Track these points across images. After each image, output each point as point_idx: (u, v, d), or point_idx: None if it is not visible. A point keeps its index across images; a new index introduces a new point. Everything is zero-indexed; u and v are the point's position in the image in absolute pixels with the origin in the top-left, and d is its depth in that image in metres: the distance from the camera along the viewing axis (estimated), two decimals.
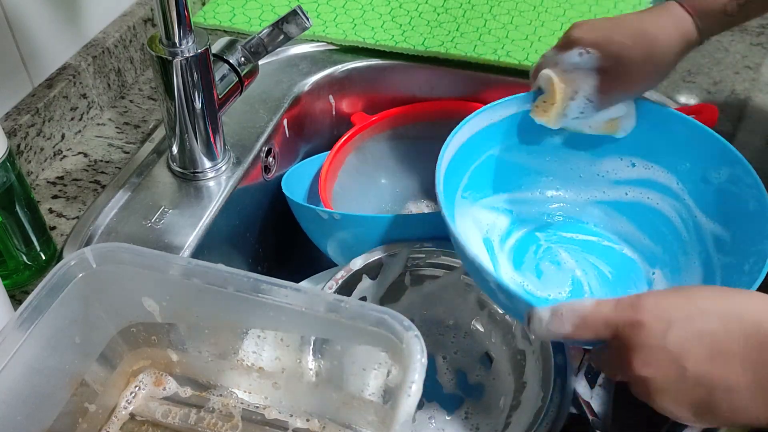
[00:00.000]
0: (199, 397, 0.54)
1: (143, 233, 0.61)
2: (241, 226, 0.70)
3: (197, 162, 0.65)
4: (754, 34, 0.87)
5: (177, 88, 0.59)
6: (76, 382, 0.49)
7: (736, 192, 0.56)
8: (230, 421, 0.53)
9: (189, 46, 0.58)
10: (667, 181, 0.62)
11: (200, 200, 0.64)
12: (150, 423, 0.53)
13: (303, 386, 0.51)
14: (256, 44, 0.64)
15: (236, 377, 0.53)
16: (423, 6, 0.88)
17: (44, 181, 0.67)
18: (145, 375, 0.55)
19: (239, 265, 0.70)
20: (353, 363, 0.57)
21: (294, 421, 0.53)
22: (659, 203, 0.63)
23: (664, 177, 0.62)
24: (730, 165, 0.57)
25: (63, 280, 0.46)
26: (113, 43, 0.74)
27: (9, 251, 0.56)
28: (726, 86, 0.79)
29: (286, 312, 0.46)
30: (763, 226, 0.53)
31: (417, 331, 0.42)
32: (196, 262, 0.47)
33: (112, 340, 0.52)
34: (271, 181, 0.75)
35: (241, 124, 0.73)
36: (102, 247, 0.47)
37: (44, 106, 0.66)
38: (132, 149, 0.70)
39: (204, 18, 0.86)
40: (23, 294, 0.57)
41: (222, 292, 0.46)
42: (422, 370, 0.40)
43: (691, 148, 0.60)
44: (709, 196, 0.59)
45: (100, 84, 0.73)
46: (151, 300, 0.49)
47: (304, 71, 0.80)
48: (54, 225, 0.63)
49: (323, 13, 0.87)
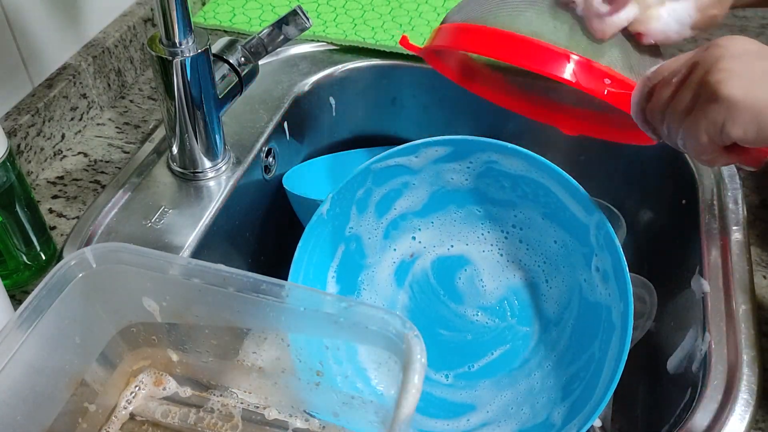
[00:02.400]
0: (199, 397, 0.54)
1: (143, 233, 0.61)
2: (241, 226, 0.70)
3: (197, 162, 0.65)
4: (754, 34, 0.87)
5: (177, 88, 0.59)
6: (76, 382, 0.49)
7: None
8: (230, 421, 0.53)
9: (189, 46, 0.58)
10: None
11: (200, 200, 0.64)
12: (150, 423, 0.53)
13: (303, 386, 0.51)
14: (256, 44, 0.64)
15: (236, 377, 0.53)
16: (423, 6, 0.88)
17: (44, 181, 0.67)
18: (145, 375, 0.55)
19: (239, 265, 0.70)
20: (353, 363, 0.57)
21: (294, 421, 0.53)
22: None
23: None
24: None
25: (63, 280, 0.46)
26: (113, 43, 0.74)
27: (9, 251, 0.56)
28: None
29: (286, 312, 0.46)
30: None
31: (417, 331, 0.42)
32: (196, 262, 0.47)
33: (112, 340, 0.52)
34: (271, 181, 0.75)
35: (241, 124, 0.73)
36: (102, 247, 0.47)
37: (44, 106, 0.66)
38: (132, 149, 0.70)
39: (204, 18, 0.86)
40: (23, 294, 0.57)
41: (222, 292, 0.46)
42: (422, 370, 0.40)
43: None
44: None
45: (100, 84, 0.73)
46: (151, 300, 0.49)
47: (304, 71, 0.80)
48: (54, 225, 0.63)
49: (323, 13, 0.87)
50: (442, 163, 0.59)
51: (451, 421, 0.58)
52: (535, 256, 0.61)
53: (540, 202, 0.58)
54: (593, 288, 0.56)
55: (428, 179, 0.61)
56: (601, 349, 0.53)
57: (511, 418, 0.57)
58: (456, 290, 0.63)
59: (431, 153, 0.58)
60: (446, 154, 0.58)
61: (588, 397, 0.51)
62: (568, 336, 0.58)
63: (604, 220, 0.53)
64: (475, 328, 0.62)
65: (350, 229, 0.62)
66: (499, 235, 0.62)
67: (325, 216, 0.58)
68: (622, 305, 0.51)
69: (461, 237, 0.63)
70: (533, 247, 0.61)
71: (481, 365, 0.61)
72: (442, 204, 0.63)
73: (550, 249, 0.60)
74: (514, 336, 0.61)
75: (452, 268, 0.63)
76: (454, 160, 0.59)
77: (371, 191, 0.61)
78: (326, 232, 0.59)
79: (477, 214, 0.62)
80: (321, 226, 0.58)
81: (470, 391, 0.60)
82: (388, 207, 0.62)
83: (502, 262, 0.62)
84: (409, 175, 0.60)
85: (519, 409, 0.57)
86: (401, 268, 0.64)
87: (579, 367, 0.55)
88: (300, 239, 0.57)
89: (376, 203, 0.62)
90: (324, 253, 0.61)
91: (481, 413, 0.58)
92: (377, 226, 0.63)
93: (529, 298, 0.61)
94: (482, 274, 0.62)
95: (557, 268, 0.60)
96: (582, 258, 0.57)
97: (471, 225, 0.63)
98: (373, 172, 0.59)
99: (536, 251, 0.61)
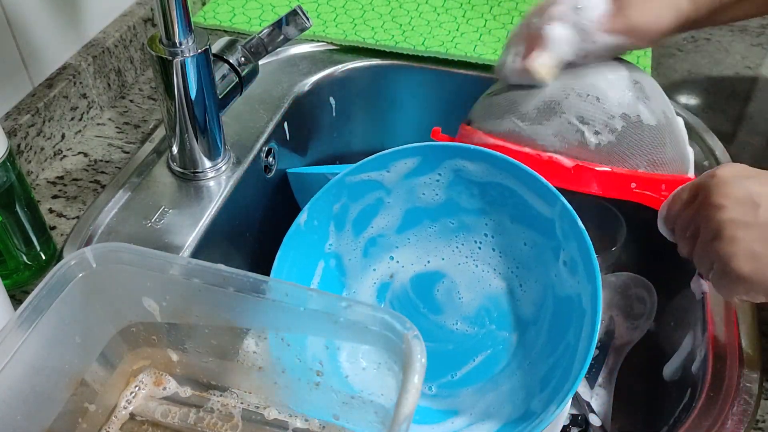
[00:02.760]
0: (199, 397, 0.54)
1: (143, 233, 0.61)
2: (241, 226, 0.70)
3: (197, 162, 0.65)
4: (754, 34, 0.87)
5: (177, 88, 0.59)
6: (76, 382, 0.49)
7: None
8: (230, 421, 0.53)
9: (189, 46, 0.58)
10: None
11: (200, 200, 0.64)
12: (150, 423, 0.53)
13: (303, 386, 0.51)
14: (256, 44, 0.64)
15: (236, 377, 0.53)
16: (423, 6, 0.88)
17: (44, 180, 0.67)
18: (145, 375, 0.55)
19: (239, 265, 0.70)
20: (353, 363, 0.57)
21: (294, 421, 0.53)
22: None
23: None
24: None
25: (63, 280, 0.46)
26: (113, 43, 0.74)
27: (9, 251, 0.56)
28: (726, 86, 0.79)
29: (286, 312, 0.46)
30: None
31: (417, 332, 0.42)
32: (196, 262, 0.47)
33: (112, 340, 0.52)
34: (271, 181, 0.75)
35: (241, 124, 0.73)
36: (102, 247, 0.47)
37: (44, 106, 0.66)
38: (132, 149, 0.70)
39: (204, 18, 0.86)
40: (23, 294, 0.57)
41: (222, 292, 0.46)
42: (422, 370, 0.40)
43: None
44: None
45: (100, 84, 0.73)
46: (151, 300, 0.49)
47: (304, 71, 0.80)
48: (54, 225, 0.63)
49: (323, 13, 0.87)
50: (413, 178, 0.60)
51: (435, 426, 0.59)
52: (508, 262, 0.63)
53: (507, 205, 0.60)
54: (563, 282, 0.57)
55: (402, 196, 0.62)
56: (575, 335, 0.55)
57: (494, 417, 0.57)
58: (435, 302, 0.64)
59: (402, 167, 0.60)
60: (416, 166, 0.59)
61: (565, 381, 0.53)
62: (546, 332, 0.59)
63: (566, 208, 0.54)
64: (456, 337, 0.63)
65: (330, 246, 0.63)
66: (473, 246, 0.63)
67: (302, 227, 0.59)
68: (591, 287, 0.53)
69: (437, 252, 0.64)
70: (506, 253, 0.63)
71: (464, 373, 0.62)
72: (417, 220, 0.64)
73: (521, 252, 0.61)
74: (494, 341, 0.62)
75: (430, 281, 0.65)
76: (424, 173, 0.60)
77: (347, 207, 0.62)
78: (305, 246, 0.60)
79: (451, 226, 0.63)
80: (299, 237, 0.59)
81: (454, 399, 0.61)
82: (365, 225, 0.64)
83: (477, 273, 0.63)
84: (383, 192, 0.62)
85: (500, 408, 0.58)
86: (382, 288, 0.65)
87: (557, 358, 0.56)
88: (278, 251, 0.58)
89: (353, 221, 0.63)
90: (305, 269, 0.61)
91: (465, 416, 0.59)
92: (356, 245, 0.64)
93: (506, 304, 0.62)
94: (459, 287, 0.63)
95: (529, 270, 0.61)
96: (551, 253, 0.59)
97: (446, 238, 0.64)
98: (347, 186, 0.60)
99: (509, 256, 0.62)
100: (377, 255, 0.65)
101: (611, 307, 0.72)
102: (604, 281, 0.72)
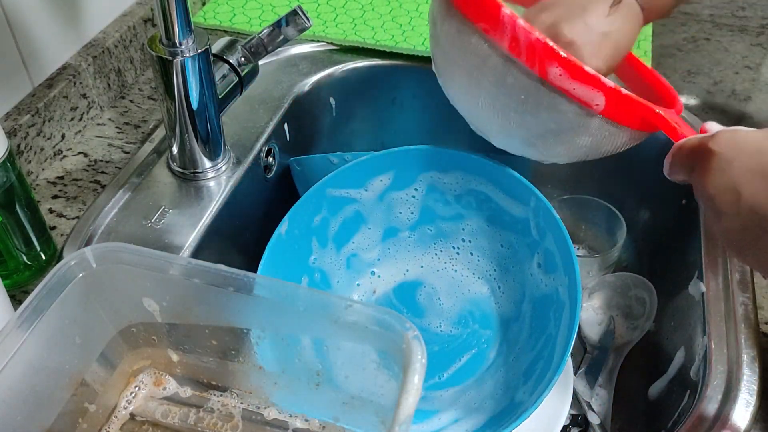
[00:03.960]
0: (199, 397, 0.54)
1: (143, 233, 0.61)
2: (241, 226, 0.70)
3: (197, 162, 0.65)
4: (754, 34, 0.87)
5: (177, 88, 0.59)
6: (76, 382, 0.49)
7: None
8: (230, 421, 0.53)
9: (189, 46, 0.58)
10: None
11: (200, 200, 0.64)
12: (150, 423, 0.53)
13: (303, 386, 0.51)
14: (256, 44, 0.64)
15: (236, 377, 0.53)
16: (423, 6, 0.88)
17: (44, 181, 0.67)
18: (145, 375, 0.55)
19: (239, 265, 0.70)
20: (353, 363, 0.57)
21: (294, 421, 0.53)
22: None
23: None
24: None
25: (63, 280, 0.46)
26: (113, 43, 0.74)
27: (9, 251, 0.56)
28: (726, 86, 0.79)
29: (286, 312, 0.46)
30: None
31: (417, 332, 0.42)
32: (196, 262, 0.47)
33: (112, 340, 0.52)
34: (271, 180, 0.75)
35: (241, 124, 0.73)
36: (102, 247, 0.47)
37: (44, 106, 0.66)
38: (132, 149, 0.70)
39: (204, 18, 0.86)
40: (23, 294, 0.57)
41: (222, 292, 0.46)
42: (422, 370, 0.40)
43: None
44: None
45: (100, 84, 0.73)
46: (151, 300, 0.49)
47: (304, 71, 0.80)
48: (54, 225, 0.63)
49: (323, 13, 0.87)
50: (391, 192, 0.62)
51: (423, 423, 0.59)
52: (487, 264, 0.63)
53: (483, 208, 0.61)
54: (539, 282, 0.59)
55: (381, 216, 0.64)
56: (555, 326, 0.55)
57: (481, 411, 0.58)
58: (418, 306, 0.65)
59: (378, 185, 0.61)
60: (392, 182, 0.61)
61: (547, 370, 0.54)
62: (528, 327, 0.60)
63: (540, 201, 0.54)
64: (441, 339, 0.63)
65: (314, 260, 0.64)
66: (452, 252, 0.64)
67: (284, 235, 0.59)
68: (567, 279, 0.53)
69: (416, 260, 0.66)
70: (484, 255, 0.63)
71: (450, 373, 0.62)
72: (396, 231, 0.66)
73: (498, 254, 0.62)
74: (478, 340, 0.62)
75: (411, 288, 0.66)
76: (400, 188, 0.62)
77: (328, 221, 0.63)
78: (288, 256, 0.60)
79: (429, 233, 0.64)
80: (281, 246, 0.60)
81: (441, 399, 0.61)
82: (346, 240, 0.65)
83: (456, 278, 0.64)
84: (361, 209, 0.63)
85: (487, 402, 0.58)
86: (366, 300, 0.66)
87: (539, 350, 0.57)
88: (261, 260, 0.58)
89: (333, 236, 0.65)
90: (290, 280, 0.62)
91: (452, 412, 0.60)
92: (338, 261, 0.66)
93: (487, 304, 0.63)
94: (439, 293, 0.64)
95: (507, 271, 0.62)
96: (528, 251, 0.59)
97: (425, 246, 0.65)
98: (327, 199, 0.62)
99: (487, 259, 0.63)
100: (359, 268, 0.67)
101: (611, 307, 0.72)
102: (604, 281, 0.73)
